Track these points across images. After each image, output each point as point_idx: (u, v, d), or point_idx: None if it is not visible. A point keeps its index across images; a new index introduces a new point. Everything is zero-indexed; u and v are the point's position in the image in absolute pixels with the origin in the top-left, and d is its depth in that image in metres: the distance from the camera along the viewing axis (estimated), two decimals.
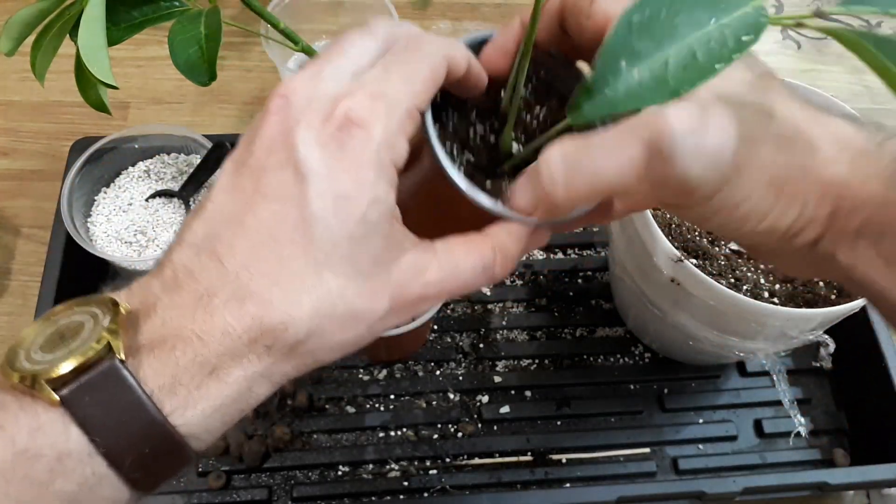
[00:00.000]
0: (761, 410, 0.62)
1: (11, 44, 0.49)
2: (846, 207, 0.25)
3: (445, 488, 0.57)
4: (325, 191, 0.24)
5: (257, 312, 0.24)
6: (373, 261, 0.26)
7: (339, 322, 0.25)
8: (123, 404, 0.23)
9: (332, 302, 0.25)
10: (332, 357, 0.27)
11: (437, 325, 0.64)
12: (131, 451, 0.23)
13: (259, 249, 0.25)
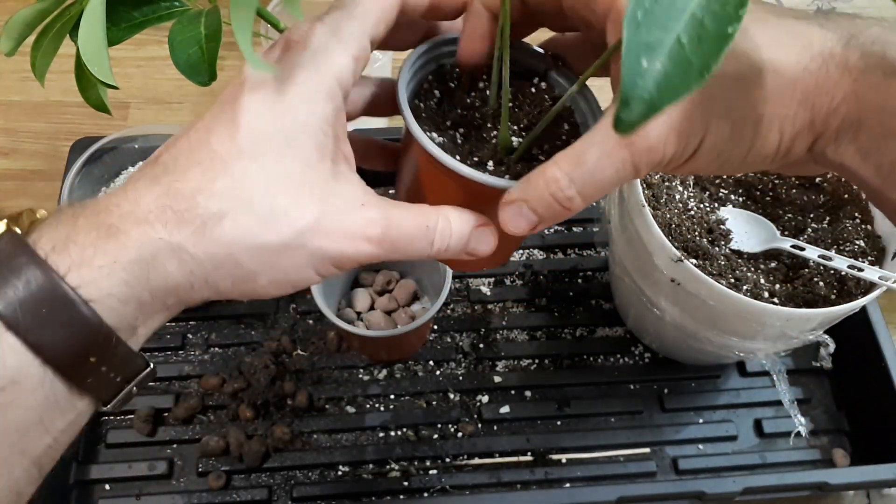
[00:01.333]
0: (761, 410, 0.62)
1: (11, 44, 0.49)
2: (823, 112, 0.26)
3: (445, 488, 0.57)
4: (258, 89, 0.26)
5: (172, 181, 0.25)
6: (303, 164, 0.26)
7: (256, 216, 0.25)
8: (16, 266, 0.23)
9: (250, 188, 0.25)
10: (259, 272, 0.26)
11: (436, 325, 0.64)
12: (31, 314, 0.23)
13: (193, 144, 0.26)
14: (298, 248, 0.26)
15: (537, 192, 0.27)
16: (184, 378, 0.61)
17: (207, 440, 0.57)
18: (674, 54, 0.22)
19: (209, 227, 0.25)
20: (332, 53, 0.27)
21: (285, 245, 0.26)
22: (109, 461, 0.57)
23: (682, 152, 0.25)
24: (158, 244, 0.25)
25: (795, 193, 0.60)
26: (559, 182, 0.26)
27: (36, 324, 0.23)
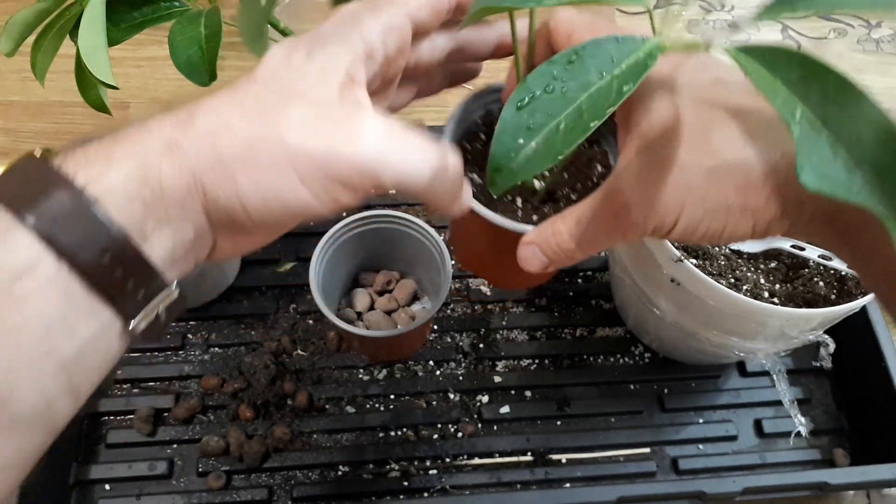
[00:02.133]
0: (761, 410, 0.62)
1: (12, 44, 0.49)
2: (792, 204, 0.27)
3: (445, 488, 0.57)
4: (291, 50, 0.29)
5: (185, 108, 0.27)
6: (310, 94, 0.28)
7: (241, 109, 0.27)
8: (19, 167, 0.25)
9: (245, 95, 0.28)
10: (239, 170, 0.26)
11: (436, 325, 0.64)
12: (37, 210, 0.24)
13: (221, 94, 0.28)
14: (276, 142, 0.26)
15: (545, 240, 0.31)
16: (184, 378, 0.61)
17: (207, 440, 0.57)
18: (549, 137, 0.26)
19: (198, 119, 0.27)
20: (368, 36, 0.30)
21: (262, 137, 0.26)
22: (109, 461, 0.57)
23: (660, 227, 0.28)
24: (153, 142, 0.26)
25: None
26: (562, 236, 0.30)
27: (44, 218, 0.23)
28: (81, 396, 0.26)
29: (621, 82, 0.25)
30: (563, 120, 0.25)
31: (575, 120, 0.25)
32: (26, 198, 0.24)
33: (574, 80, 0.26)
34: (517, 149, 0.26)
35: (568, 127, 0.25)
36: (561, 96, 0.26)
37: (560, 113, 0.26)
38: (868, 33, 0.89)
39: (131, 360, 0.61)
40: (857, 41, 0.88)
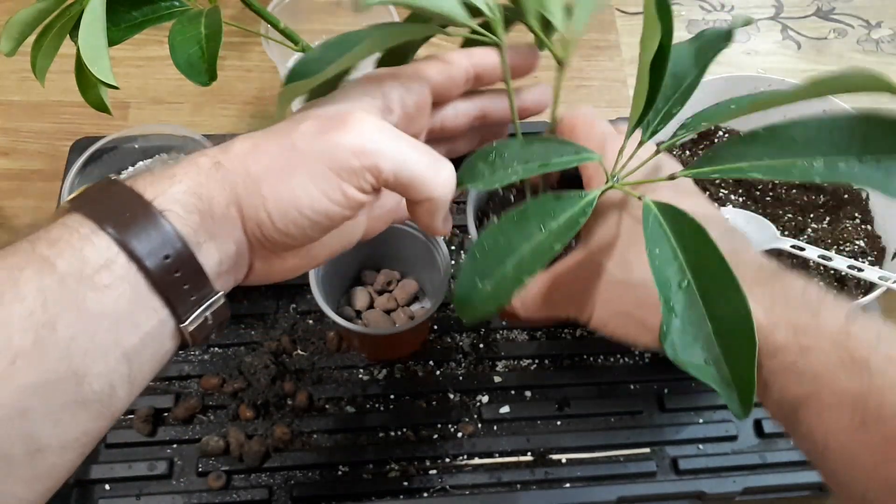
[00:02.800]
0: (761, 410, 0.62)
1: (12, 44, 0.49)
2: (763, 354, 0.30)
3: (445, 488, 0.57)
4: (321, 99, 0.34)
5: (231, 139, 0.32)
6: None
7: (271, 133, 0.32)
8: (103, 186, 0.30)
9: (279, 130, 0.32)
10: (265, 181, 0.30)
11: (436, 326, 0.64)
12: (114, 219, 0.28)
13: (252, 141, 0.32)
14: (289, 149, 0.30)
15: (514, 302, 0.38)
16: (184, 378, 0.61)
17: (207, 440, 0.57)
18: (497, 281, 0.31)
19: (235, 144, 0.32)
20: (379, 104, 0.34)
21: (279, 150, 0.31)
22: (109, 461, 0.57)
23: (579, 318, 0.36)
24: (204, 162, 0.31)
25: (795, 193, 0.60)
26: (517, 306, 0.38)
27: (119, 226, 0.28)
28: (136, 388, 0.29)
29: (554, 240, 0.31)
30: (511, 267, 0.31)
31: (519, 267, 0.31)
32: (105, 210, 0.28)
33: (520, 233, 0.32)
34: (476, 289, 0.32)
35: (515, 273, 0.31)
36: (507, 247, 0.32)
37: (507, 262, 0.31)
38: (868, 33, 0.89)
39: None
40: (857, 41, 0.88)
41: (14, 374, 0.25)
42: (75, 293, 0.26)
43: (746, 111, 0.33)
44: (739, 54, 0.86)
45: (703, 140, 0.61)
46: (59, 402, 0.26)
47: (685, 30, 0.88)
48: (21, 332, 0.25)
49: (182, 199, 0.29)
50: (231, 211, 0.30)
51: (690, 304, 0.29)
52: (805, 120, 0.30)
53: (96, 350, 0.27)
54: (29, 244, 0.27)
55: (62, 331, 0.26)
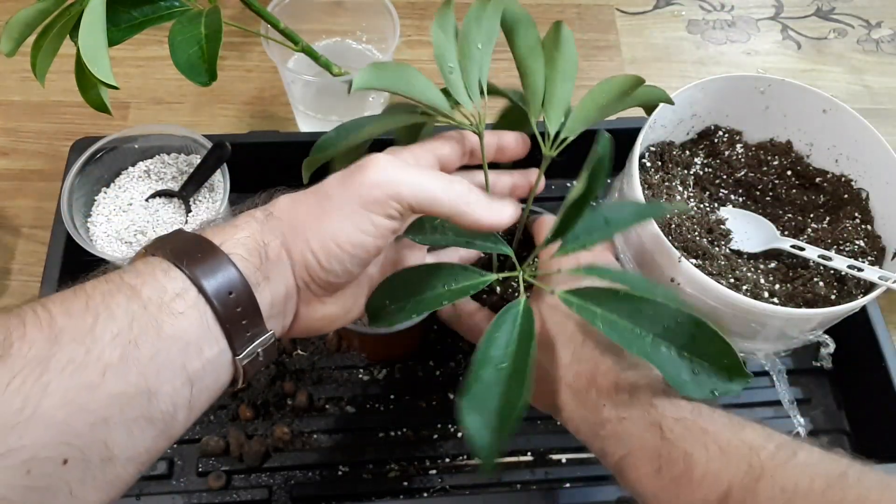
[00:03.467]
0: (761, 410, 0.62)
1: (12, 44, 0.49)
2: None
3: (445, 488, 0.57)
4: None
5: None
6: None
7: (313, 193, 0.37)
8: (188, 240, 0.34)
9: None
10: (309, 227, 0.35)
11: (436, 326, 0.64)
12: (188, 258, 0.32)
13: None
14: (324, 198, 0.36)
15: None
16: None
17: (207, 440, 0.57)
18: (399, 308, 0.41)
19: (280, 201, 0.37)
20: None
21: (316, 202, 0.36)
22: None
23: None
24: (259, 215, 0.36)
25: (795, 193, 0.60)
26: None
27: (193, 265, 0.32)
28: (192, 415, 0.32)
29: (446, 297, 0.40)
30: (409, 304, 0.40)
31: (414, 306, 0.40)
32: (180, 251, 0.32)
33: (427, 282, 0.41)
34: (385, 306, 0.41)
35: (410, 308, 0.40)
36: (413, 287, 0.41)
37: (408, 298, 0.40)
38: (868, 33, 0.89)
39: None
40: (857, 41, 0.88)
41: (103, 384, 0.28)
42: (156, 317, 0.30)
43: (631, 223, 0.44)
44: (739, 54, 0.86)
45: (703, 140, 0.61)
46: (133, 416, 0.29)
47: (685, 30, 0.88)
48: (111, 348, 0.28)
49: (244, 243, 0.34)
50: (282, 255, 0.35)
51: (496, 382, 0.35)
52: (658, 302, 0.36)
53: (167, 370, 0.30)
54: (117, 275, 0.31)
55: (143, 349, 0.29)
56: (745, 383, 0.34)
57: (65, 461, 0.26)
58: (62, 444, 0.26)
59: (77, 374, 0.27)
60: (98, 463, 0.28)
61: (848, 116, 0.56)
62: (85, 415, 0.27)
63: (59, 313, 0.28)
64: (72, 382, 0.27)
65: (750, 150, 0.61)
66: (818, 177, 0.59)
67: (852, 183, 0.58)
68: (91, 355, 0.28)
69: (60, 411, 0.26)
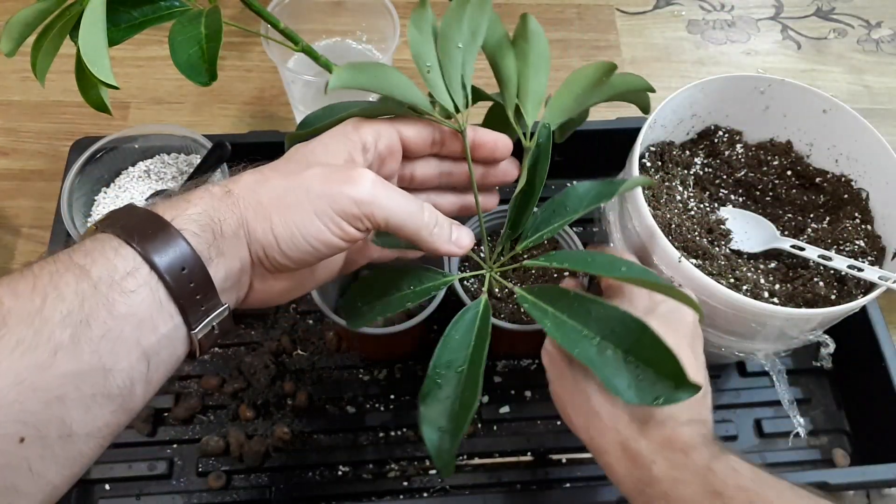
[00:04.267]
0: (761, 410, 0.62)
1: (12, 44, 0.49)
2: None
3: (445, 488, 0.57)
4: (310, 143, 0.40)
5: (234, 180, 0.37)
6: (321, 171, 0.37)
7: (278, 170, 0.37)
8: (139, 215, 0.33)
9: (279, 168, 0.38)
10: (273, 209, 0.35)
11: (436, 326, 0.64)
12: (133, 230, 0.32)
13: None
14: (301, 189, 0.36)
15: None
16: (184, 378, 0.61)
17: (207, 440, 0.57)
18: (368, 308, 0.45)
19: (245, 176, 0.37)
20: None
21: (291, 188, 0.36)
22: (109, 461, 0.57)
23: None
24: (216, 190, 0.35)
25: (795, 193, 0.60)
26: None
27: (144, 242, 0.32)
28: (151, 388, 0.32)
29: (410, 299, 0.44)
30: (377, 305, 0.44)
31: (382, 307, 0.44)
32: (130, 228, 0.32)
33: (395, 283, 0.44)
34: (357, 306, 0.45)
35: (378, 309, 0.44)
36: (382, 288, 0.44)
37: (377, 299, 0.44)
38: (868, 33, 0.89)
39: None
40: (857, 41, 0.88)
41: (54, 363, 0.28)
42: (106, 296, 0.30)
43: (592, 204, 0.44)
44: (739, 54, 0.86)
45: (703, 140, 0.61)
46: (89, 393, 0.29)
47: (685, 30, 0.88)
48: (61, 328, 0.28)
49: (197, 219, 0.34)
50: (239, 232, 0.35)
51: (455, 385, 0.37)
52: (609, 306, 0.36)
53: (122, 347, 0.30)
54: (66, 255, 0.31)
55: (95, 328, 0.29)
56: (691, 393, 0.34)
57: (21, 439, 0.27)
58: (17, 422, 0.27)
59: (27, 354, 0.27)
60: (56, 440, 0.28)
61: (848, 116, 0.56)
62: (38, 393, 0.27)
63: (6, 295, 0.28)
64: (22, 363, 0.27)
65: (750, 150, 0.61)
66: (818, 177, 0.59)
67: (852, 183, 0.58)
68: (41, 336, 0.28)
69: (12, 391, 0.27)
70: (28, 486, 0.28)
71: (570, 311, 0.37)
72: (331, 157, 0.38)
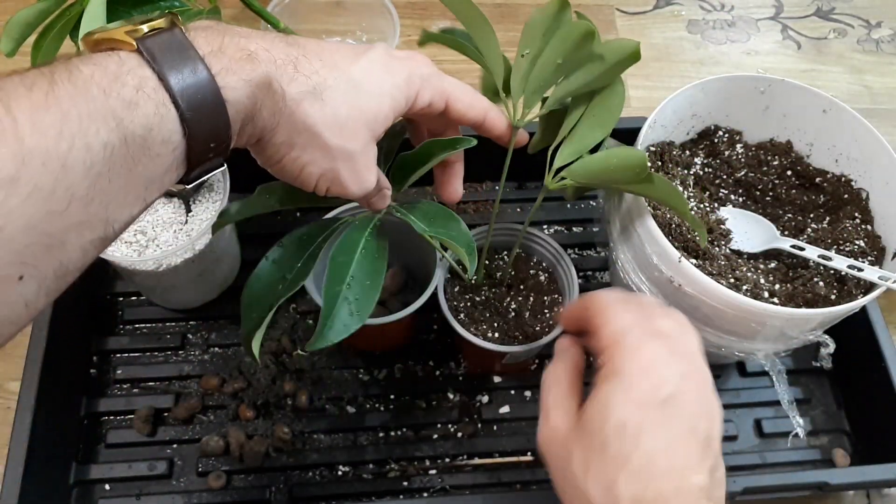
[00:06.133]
0: (761, 410, 0.62)
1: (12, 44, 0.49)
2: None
3: (445, 488, 0.57)
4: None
5: (300, 54, 0.36)
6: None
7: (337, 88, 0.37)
8: (182, 57, 0.31)
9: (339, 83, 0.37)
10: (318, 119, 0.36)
11: (436, 326, 0.64)
12: (187, 94, 0.30)
13: (325, 50, 0.38)
14: (378, 63, 0.38)
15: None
16: (184, 378, 0.61)
17: (207, 440, 0.57)
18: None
19: (302, 79, 0.35)
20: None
21: (373, 57, 0.39)
22: (109, 461, 0.57)
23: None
24: (274, 81, 0.34)
25: (795, 193, 0.60)
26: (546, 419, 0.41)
27: (192, 107, 0.30)
28: (149, 196, 0.31)
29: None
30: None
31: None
32: (184, 84, 0.30)
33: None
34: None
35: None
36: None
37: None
38: (868, 33, 0.89)
39: (131, 360, 0.61)
40: (857, 41, 0.88)
41: (66, 213, 0.27)
42: (133, 155, 0.29)
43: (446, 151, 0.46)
44: (739, 54, 0.86)
45: (703, 140, 0.61)
46: (89, 238, 0.29)
47: (685, 30, 0.88)
48: (81, 180, 0.27)
49: (243, 102, 0.32)
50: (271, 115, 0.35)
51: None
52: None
53: (130, 201, 0.30)
54: (102, 96, 0.28)
55: (113, 184, 0.29)
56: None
57: (20, 278, 0.27)
58: (20, 263, 0.27)
59: (43, 202, 0.26)
60: (52, 278, 0.28)
61: (848, 116, 0.56)
62: (46, 238, 0.27)
63: (28, 126, 0.26)
64: (36, 209, 0.26)
65: (750, 150, 0.61)
66: (818, 177, 0.59)
67: (852, 183, 0.58)
68: (60, 185, 0.27)
69: (22, 235, 0.26)
70: (21, 317, 0.28)
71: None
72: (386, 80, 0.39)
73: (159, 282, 0.58)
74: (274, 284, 0.44)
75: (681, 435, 0.35)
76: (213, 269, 0.61)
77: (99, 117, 0.28)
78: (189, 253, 0.56)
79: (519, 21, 0.85)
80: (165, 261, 0.55)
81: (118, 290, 0.64)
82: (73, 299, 0.59)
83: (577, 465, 0.35)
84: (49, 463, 0.54)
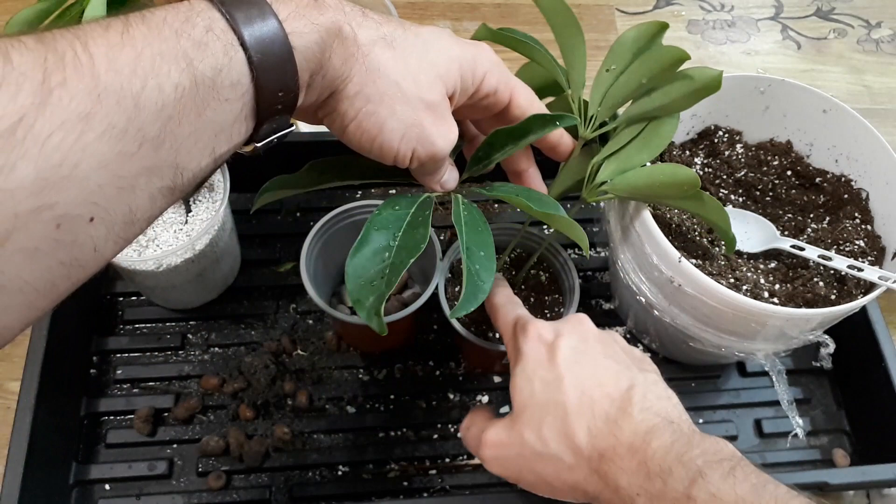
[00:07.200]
0: (761, 410, 0.62)
1: None
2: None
3: (445, 488, 0.57)
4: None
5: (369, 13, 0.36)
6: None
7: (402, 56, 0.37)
8: (249, 1, 0.31)
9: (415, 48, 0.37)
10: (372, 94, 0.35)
11: (436, 326, 0.64)
12: (254, 36, 0.30)
13: (393, 21, 0.38)
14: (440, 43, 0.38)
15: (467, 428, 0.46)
16: (184, 378, 0.61)
17: (207, 440, 0.57)
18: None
19: (373, 25, 0.36)
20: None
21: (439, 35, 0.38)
22: (109, 461, 0.57)
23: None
24: (344, 25, 0.34)
25: (795, 193, 0.60)
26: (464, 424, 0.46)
27: (259, 49, 0.30)
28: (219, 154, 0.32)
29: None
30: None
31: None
32: (255, 35, 0.30)
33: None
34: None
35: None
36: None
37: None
38: (868, 33, 0.89)
39: (131, 360, 0.61)
40: (857, 41, 0.88)
41: (137, 154, 0.27)
42: (203, 99, 0.29)
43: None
44: (739, 54, 0.86)
45: (703, 140, 0.61)
46: (158, 185, 0.29)
47: (685, 30, 0.88)
48: (152, 121, 0.28)
49: (311, 48, 0.32)
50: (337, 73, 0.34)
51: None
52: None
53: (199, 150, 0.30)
54: (174, 34, 0.29)
55: (184, 127, 0.29)
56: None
57: (91, 219, 0.27)
58: (92, 203, 0.27)
59: (116, 141, 0.26)
60: (121, 224, 0.28)
61: (848, 116, 0.56)
62: (117, 180, 0.27)
63: (104, 63, 0.26)
64: (109, 148, 0.26)
65: (750, 150, 0.61)
66: (818, 177, 0.59)
67: (852, 183, 0.58)
68: (132, 124, 0.27)
69: (95, 174, 0.26)
70: (89, 262, 0.28)
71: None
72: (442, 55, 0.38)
73: (159, 282, 0.58)
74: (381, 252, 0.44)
75: (593, 361, 0.41)
76: (213, 269, 0.61)
77: (171, 57, 0.28)
78: (189, 253, 0.56)
79: (519, 21, 0.85)
80: (165, 261, 0.55)
81: (118, 290, 0.64)
82: (73, 299, 0.59)
83: (534, 442, 0.39)
84: (49, 463, 0.54)
